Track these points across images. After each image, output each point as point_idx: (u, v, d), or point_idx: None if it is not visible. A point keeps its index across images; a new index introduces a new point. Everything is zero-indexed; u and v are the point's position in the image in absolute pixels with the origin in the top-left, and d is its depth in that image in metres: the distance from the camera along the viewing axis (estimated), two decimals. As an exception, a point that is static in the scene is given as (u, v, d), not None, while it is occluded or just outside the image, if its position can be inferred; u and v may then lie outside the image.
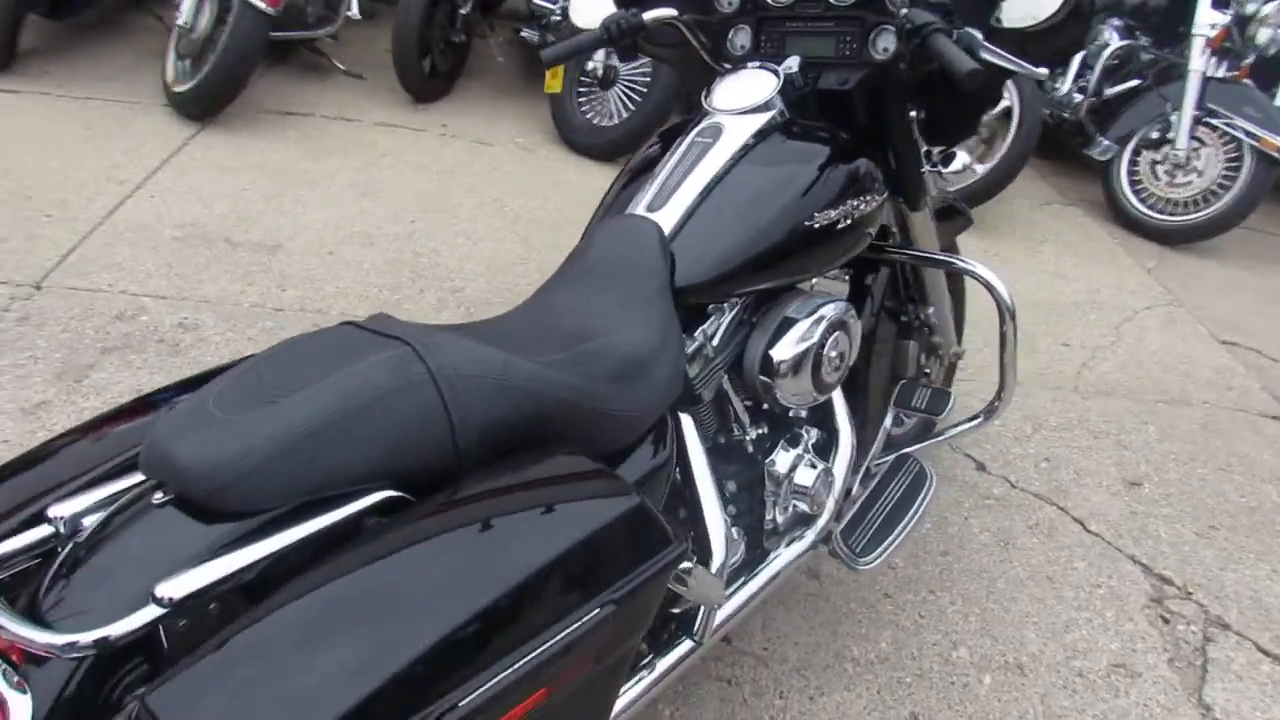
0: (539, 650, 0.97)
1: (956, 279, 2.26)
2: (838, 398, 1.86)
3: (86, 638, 0.87)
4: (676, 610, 1.52)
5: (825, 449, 1.86)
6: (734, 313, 1.64)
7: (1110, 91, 4.48)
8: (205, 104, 3.81)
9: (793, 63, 1.77)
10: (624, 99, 4.15)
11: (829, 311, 1.66)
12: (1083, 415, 2.91)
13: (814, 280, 1.77)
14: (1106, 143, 4.42)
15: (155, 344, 2.56)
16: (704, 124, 1.71)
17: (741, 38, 1.87)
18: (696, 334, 1.58)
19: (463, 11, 4.43)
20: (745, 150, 1.64)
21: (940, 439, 2.15)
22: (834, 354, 1.68)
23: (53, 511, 0.98)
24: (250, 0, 3.59)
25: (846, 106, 1.81)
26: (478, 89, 4.75)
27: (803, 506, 1.78)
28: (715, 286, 1.55)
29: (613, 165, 4.09)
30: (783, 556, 1.74)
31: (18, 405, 2.26)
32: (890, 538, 1.86)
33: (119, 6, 4.58)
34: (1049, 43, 1.66)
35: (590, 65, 4.07)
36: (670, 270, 1.51)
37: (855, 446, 1.86)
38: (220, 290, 2.84)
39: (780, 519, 1.78)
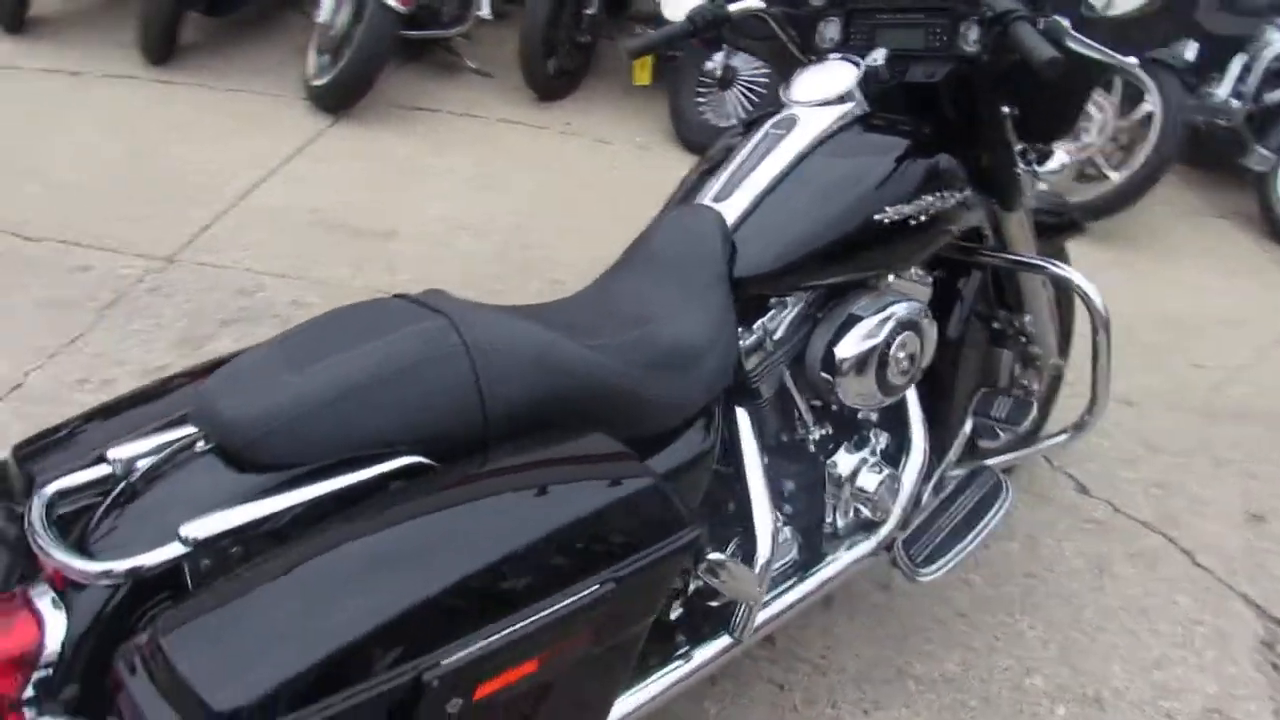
0: (532, 618, 0.98)
1: (1064, 289, 2.14)
2: (913, 402, 1.79)
3: (118, 567, 0.93)
4: (715, 604, 1.49)
5: (896, 454, 1.79)
6: (798, 307, 1.60)
7: (1272, 97, 4.16)
8: (339, 97, 4.00)
9: (878, 55, 1.71)
10: (743, 98, 4.13)
11: (898, 310, 1.61)
12: (1207, 441, 2.71)
13: (890, 279, 1.71)
14: (1264, 152, 4.10)
15: (270, 319, 2.71)
16: (780, 115, 1.68)
17: (830, 30, 1.83)
18: (756, 326, 1.55)
19: (589, 12, 4.49)
20: (819, 142, 1.61)
21: (1023, 453, 2.05)
22: (902, 355, 1.62)
23: (111, 454, 1.05)
24: (384, -1, 3.75)
25: (935, 101, 1.75)
26: (603, 89, 4.81)
27: (865, 512, 1.72)
28: (777, 278, 1.52)
29: (729, 165, 4.06)
30: (839, 561, 1.69)
31: (141, 367, 2.43)
32: (954, 551, 1.78)
33: (273, 4, 4.85)
34: (1148, 31, 1.56)
35: (709, 65, 4.06)
36: (730, 260, 1.49)
37: (928, 454, 1.79)
38: (334, 272, 2.97)
39: (840, 523, 1.73)
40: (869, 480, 1.70)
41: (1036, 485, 2.39)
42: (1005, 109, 1.76)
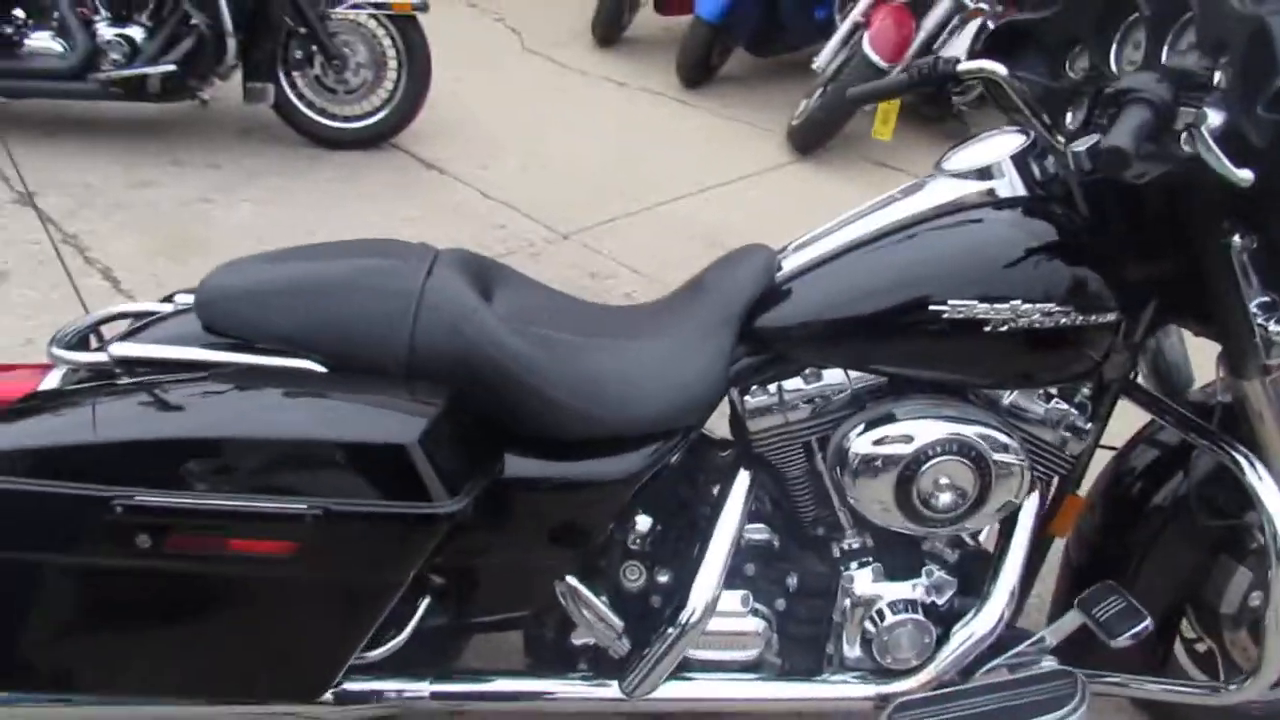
0: (237, 501, 1.09)
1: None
2: (1014, 557, 1.46)
3: (66, 356, 1.26)
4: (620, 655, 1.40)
5: (959, 610, 1.48)
6: (837, 384, 1.40)
7: None
8: (805, 137, 4.17)
9: (1086, 140, 1.40)
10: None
11: (946, 427, 1.33)
12: None
13: (1006, 400, 1.40)
14: None
15: (603, 298, 3.01)
16: (917, 180, 1.48)
17: (1081, 111, 1.53)
18: (771, 387, 1.40)
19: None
20: (930, 215, 1.39)
21: (1120, 686, 1.51)
22: (939, 480, 1.34)
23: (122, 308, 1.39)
24: (866, 52, 3.83)
25: (1149, 212, 1.39)
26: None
27: (876, 654, 1.45)
28: (794, 338, 1.38)
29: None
30: (811, 687, 1.47)
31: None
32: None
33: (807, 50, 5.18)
34: None
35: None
36: (755, 306, 1.39)
37: (1003, 623, 1.44)
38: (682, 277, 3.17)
39: (844, 649, 1.48)
40: (889, 617, 1.44)
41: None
42: (1237, 238, 1.32)
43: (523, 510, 1.32)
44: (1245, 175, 1.15)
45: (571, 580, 1.34)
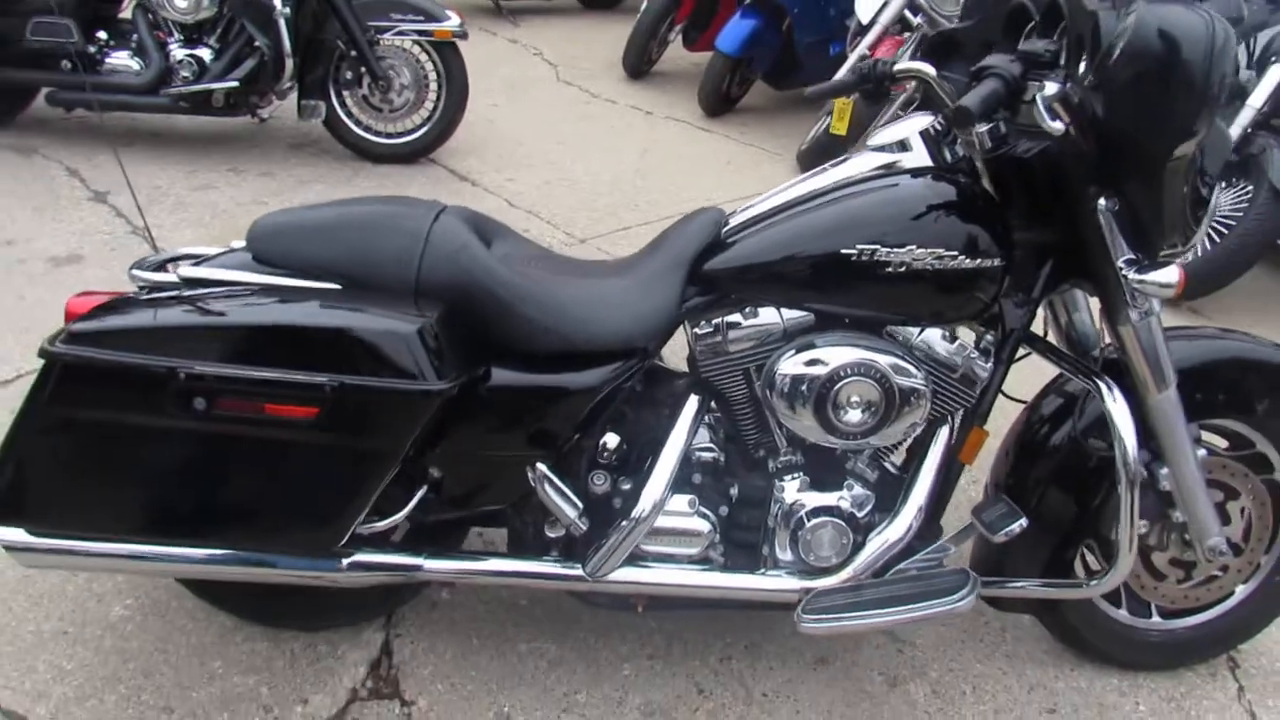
0: (270, 372, 1.40)
1: None
2: (923, 479, 1.71)
3: (146, 276, 1.57)
4: (556, 535, 1.68)
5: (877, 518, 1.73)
6: (771, 319, 1.65)
7: None
8: (812, 159, 4.44)
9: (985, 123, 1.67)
10: (1212, 231, 3.63)
11: (854, 352, 1.60)
12: None
13: (915, 334, 1.65)
14: None
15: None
16: (846, 155, 1.76)
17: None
18: (715, 321, 1.67)
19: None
20: (852, 180, 1.67)
21: (1005, 586, 1.76)
22: (851, 398, 1.60)
23: (190, 249, 1.71)
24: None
25: (1039, 183, 1.66)
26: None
27: (801, 553, 1.71)
28: (733, 278, 1.65)
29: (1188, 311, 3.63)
30: (743, 581, 1.73)
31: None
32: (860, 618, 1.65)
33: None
34: None
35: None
36: (704, 254, 1.67)
37: (911, 534, 1.69)
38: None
39: (776, 550, 1.74)
40: (811, 523, 1.69)
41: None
42: (1103, 201, 1.58)
43: (504, 410, 1.61)
44: (1056, 126, 1.44)
45: (541, 467, 1.62)
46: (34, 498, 1.48)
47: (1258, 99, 3.62)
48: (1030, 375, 1.85)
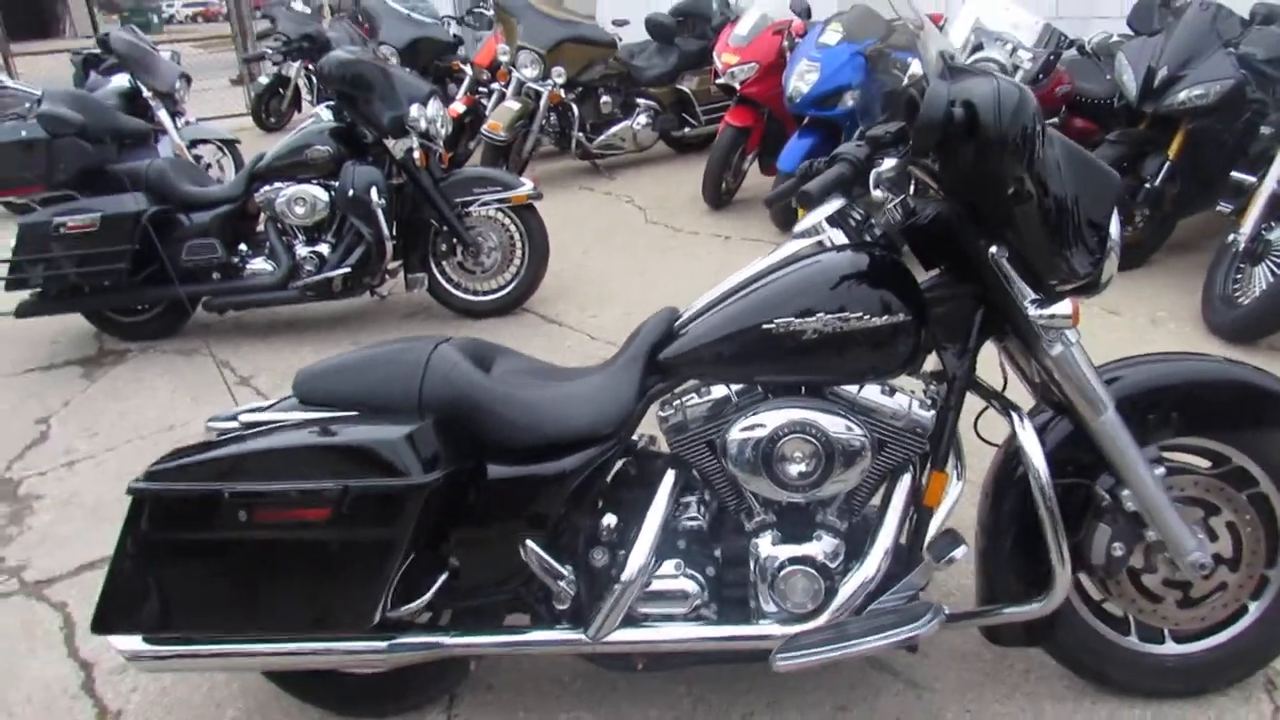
0: (292, 485, 1.75)
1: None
2: (889, 520, 1.88)
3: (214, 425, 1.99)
4: (562, 608, 1.93)
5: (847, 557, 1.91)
6: (722, 395, 1.90)
7: None
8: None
9: (886, 194, 1.90)
10: (1272, 269, 3.58)
11: (781, 415, 1.82)
12: None
13: (854, 391, 1.85)
14: None
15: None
16: (780, 244, 2.02)
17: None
18: (676, 404, 1.94)
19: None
20: (778, 264, 1.93)
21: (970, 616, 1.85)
22: (795, 454, 1.81)
23: (255, 404, 2.13)
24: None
25: (949, 243, 1.87)
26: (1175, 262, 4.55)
27: (782, 601, 1.89)
28: (686, 364, 1.92)
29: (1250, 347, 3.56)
30: (721, 629, 1.93)
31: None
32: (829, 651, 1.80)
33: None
34: None
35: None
36: (657, 344, 1.95)
37: (881, 574, 1.86)
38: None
39: (761, 602, 1.92)
40: (783, 573, 1.88)
41: None
42: (994, 249, 1.77)
43: (499, 498, 1.91)
44: (878, 195, 1.75)
45: (531, 544, 1.89)
46: (137, 610, 1.86)
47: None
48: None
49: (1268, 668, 2.06)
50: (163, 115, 6.37)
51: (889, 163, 1.71)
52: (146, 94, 6.37)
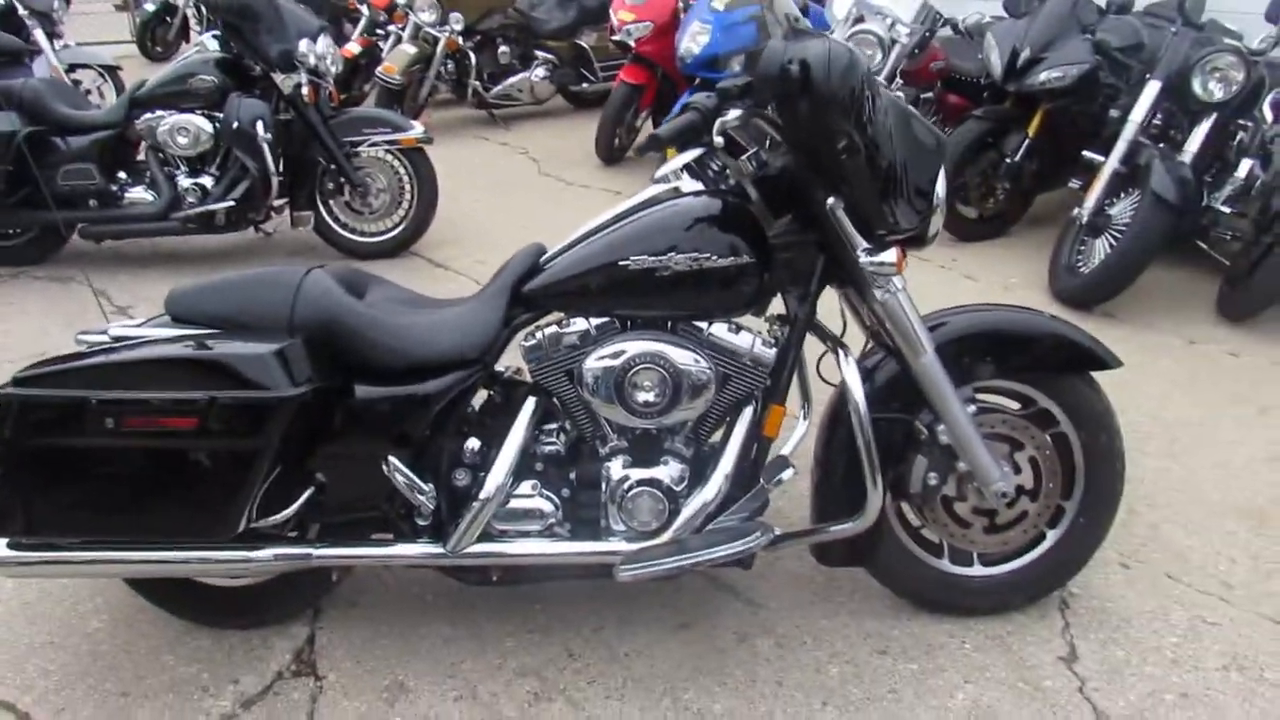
0: (162, 393, 1.81)
1: None
2: (731, 448, 2.03)
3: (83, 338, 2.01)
4: (424, 523, 2.04)
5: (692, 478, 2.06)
6: (583, 327, 2.02)
7: None
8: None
9: (723, 139, 2.03)
10: (1111, 238, 3.90)
11: (634, 346, 1.96)
12: None
13: (706, 327, 2.00)
14: None
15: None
16: (645, 186, 2.15)
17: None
18: (538, 334, 2.05)
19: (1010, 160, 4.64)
20: (638, 206, 2.05)
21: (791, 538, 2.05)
22: (645, 383, 1.95)
23: (127, 321, 2.16)
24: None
25: (794, 194, 2.02)
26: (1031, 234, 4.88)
27: (629, 519, 2.04)
28: (547, 296, 2.03)
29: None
30: (579, 545, 2.06)
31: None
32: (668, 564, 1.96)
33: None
34: None
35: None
36: (524, 278, 2.05)
37: (721, 498, 2.01)
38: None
39: (612, 521, 2.06)
40: (631, 494, 2.03)
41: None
42: (830, 200, 1.93)
43: (365, 417, 1.99)
44: (719, 140, 1.88)
45: (394, 460, 1.99)
46: (5, 514, 1.89)
47: (1137, 114, 3.92)
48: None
49: (1063, 588, 2.32)
50: (39, 35, 6.12)
51: (733, 113, 1.85)
52: (21, 11, 6.10)
